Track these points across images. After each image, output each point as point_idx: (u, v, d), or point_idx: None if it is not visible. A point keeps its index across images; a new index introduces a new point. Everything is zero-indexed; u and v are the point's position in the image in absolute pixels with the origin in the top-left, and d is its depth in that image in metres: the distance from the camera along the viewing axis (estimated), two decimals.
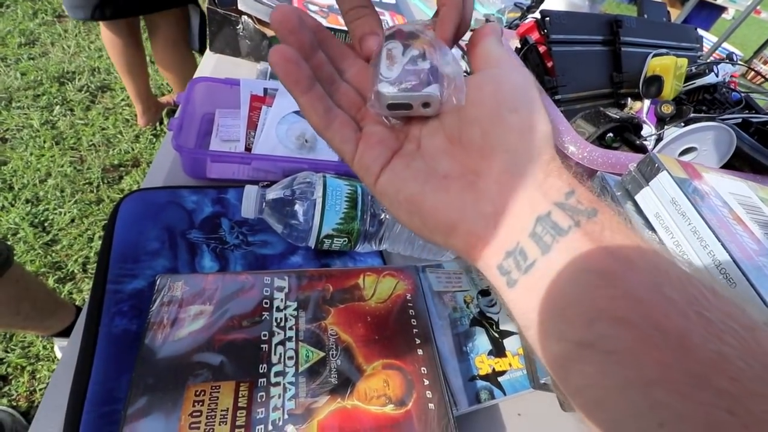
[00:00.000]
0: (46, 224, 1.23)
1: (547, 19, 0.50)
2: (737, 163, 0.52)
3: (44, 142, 1.41)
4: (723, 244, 0.31)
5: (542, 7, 0.84)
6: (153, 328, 0.33)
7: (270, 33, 0.68)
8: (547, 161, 0.19)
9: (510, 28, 1.02)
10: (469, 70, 0.23)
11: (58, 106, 1.53)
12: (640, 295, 0.15)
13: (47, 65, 1.66)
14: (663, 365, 0.14)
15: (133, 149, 1.48)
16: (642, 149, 0.47)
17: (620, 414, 0.15)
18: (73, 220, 1.25)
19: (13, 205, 1.24)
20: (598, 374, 0.15)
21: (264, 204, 0.42)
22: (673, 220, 0.35)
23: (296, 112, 0.52)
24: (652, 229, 0.36)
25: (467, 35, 0.23)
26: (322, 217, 0.42)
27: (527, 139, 0.19)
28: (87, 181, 1.36)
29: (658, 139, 0.52)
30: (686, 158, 0.52)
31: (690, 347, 0.14)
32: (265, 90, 0.49)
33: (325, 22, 0.70)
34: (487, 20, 1.05)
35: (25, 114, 1.47)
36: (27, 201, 1.26)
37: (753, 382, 0.13)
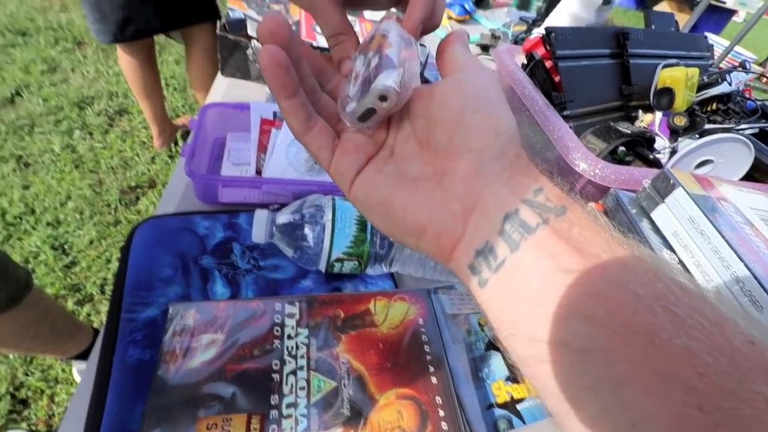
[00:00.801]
0: (65, 246, 1.26)
1: (552, 35, 0.50)
2: (757, 174, 0.51)
3: (65, 165, 1.45)
4: (745, 264, 0.30)
5: (547, 20, 0.84)
6: (165, 358, 0.33)
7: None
8: (513, 159, 0.19)
9: (516, 42, 1.03)
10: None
11: (78, 131, 1.58)
12: (608, 293, 0.15)
13: (68, 91, 1.72)
14: (632, 364, 0.14)
15: (149, 170, 1.52)
16: (656, 163, 0.46)
17: (593, 415, 0.15)
18: (91, 242, 1.28)
19: (34, 229, 1.27)
20: (569, 374, 0.15)
21: (274, 228, 0.43)
22: (692, 238, 0.33)
23: None
24: (671, 248, 0.35)
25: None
26: (332, 240, 0.41)
27: (491, 138, 0.19)
28: (105, 203, 1.39)
29: (673, 152, 0.50)
30: (702, 171, 0.51)
31: (658, 344, 0.14)
32: (275, 113, 0.50)
33: None
34: (493, 35, 1.06)
35: (47, 139, 1.52)
36: (48, 224, 1.29)
37: (720, 377, 0.13)
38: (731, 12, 4.02)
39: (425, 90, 0.21)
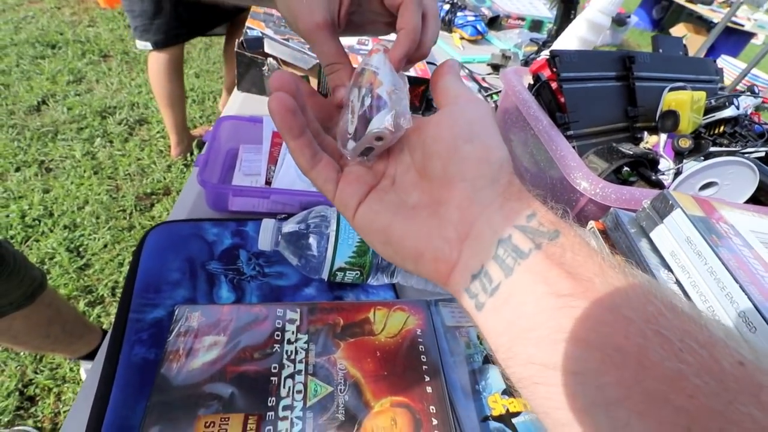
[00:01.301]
0: (80, 249, 1.30)
1: (557, 58, 0.52)
2: (763, 197, 0.51)
3: (84, 171, 1.50)
4: (742, 287, 0.30)
5: (556, 42, 0.85)
6: (169, 357, 0.34)
7: (295, 72, 0.72)
8: (505, 185, 0.20)
9: (526, 63, 1.04)
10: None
11: (99, 138, 1.64)
12: (601, 317, 0.16)
13: (91, 101, 1.80)
14: (623, 385, 0.14)
15: (165, 178, 1.56)
16: (659, 184, 0.47)
17: None
18: (105, 246, 1.32)
19: (52, 231, 1.31)
20: (564, 396, 0.16)
21: (280, 237, 0.44)
22: (689, 259, 0.34)
23: None
24: (669, 268, 0.35)
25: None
26: (335, 250, 0.43)
27: (483, 167, 0.20)
28: (121, 208, 1.43)
29: (677, 174, 0.51)
30: (707, 193, 0.51)
31: (648, 366, 0.14)
32: None
33: None
34: (504, 55, 1.08)
35: (69, 146, 1.58)
36: (65, 227, 1.33)
37: (709, 399, 0.13)
38: (750, 35, 4.01)
39: (422, 123, 0.22)
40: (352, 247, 0.43)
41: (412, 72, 0.77)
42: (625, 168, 0.51)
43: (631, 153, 0.46)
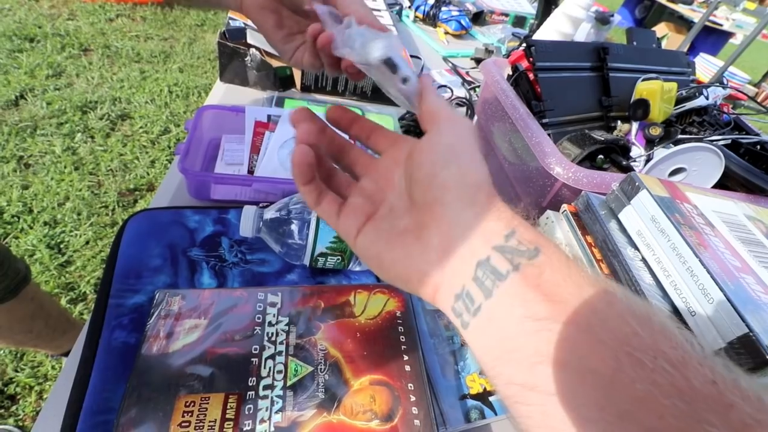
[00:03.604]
0: (61, 246, 1.28)
1: (533, 48, 0.53)
2: (730, 183, 0.53)
3: (65, 167, 1.47)
4: (701, 261, 0.31)
5: (535, 35, 0.87)
6: (149, 340, 0.34)
7: (276, 64, 0.72)
8: (484, 205, 0.20)
9: (508, 57, 1.06)
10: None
11: (79, 134, 1.61)
12: (576, 340, 0.16)
13: (71, 95, 1.76)
14: (597, 406, 0.15)
15: (148, 174, 1.54)
16: (629, 170, 0.49)
17: None
18: (87, 242, 1.30)
19: (31, 228, 1.29)
20: (541, 415, 0.17)
21: (261, 224, 0.45)
22: (654, 237, 0.35)
23: None
24: (635, 246, 0.37)
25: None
26: (316, 236, 0.43)
27: (460, 191, 0.20)
28: (103, 204, 1.41)
29: (648, 160, 0.53)
30: (676, 178, 0.53)
31: (620, 388, 0.15)
32: (269, 116, 0.52)
33: None
34: (487, 49, 1.09)
35: (49, 141, 1.55)
36: (45, 223, 1.31)
37: (678, 420, 0.14)
38: (728, 34, 4.12)
39: (413, 148, 0.23)
40: (333, 232, 0.44)
41: None
42: (600, 156, 0.52)
43: (603, 139, 0.48)
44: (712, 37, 4.01)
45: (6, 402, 1.01)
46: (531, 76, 0.57)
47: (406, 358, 0.37)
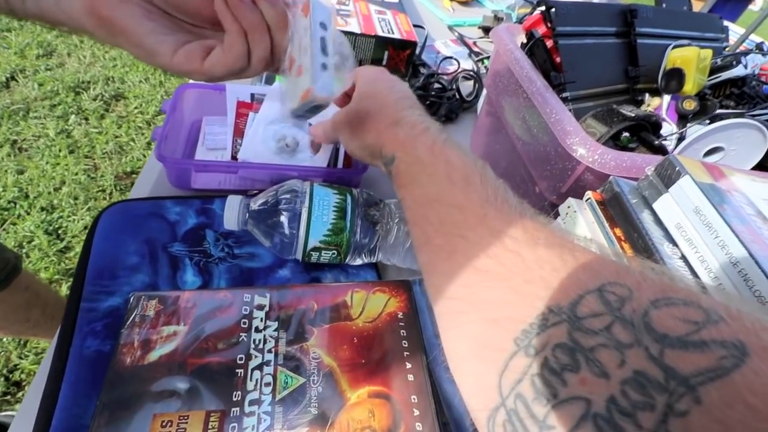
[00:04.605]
0: (60, 231, 1.25)
1: (553, 10, 0.47)
2: None
3: (59, 150, 1.43)
4: (755, 259, 0.27)
5: None
6: (122, 351, 0.31)
7: None
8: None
9: (520, 23, 0.98)
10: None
11: (73, 116, 1.56)
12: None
13: (63, 76, 1.70)
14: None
15: (145, 156, 1.50)
16: (661, 150, 0.43)
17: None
18: (85, 227, 1.27)
19: (28, 213, 1.26)
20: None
21: (248, 215, 0.40)
22: (698, 231, 0.30)
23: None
24: (673, 242, 0.32)
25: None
26: (308, 228, 0.39)
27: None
28: (100, 188, 1.38)
29: (680, 139, 0.47)
30: (712, 159, 0.47)
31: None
32: (252, 96, 0.47)
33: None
34: (496, 17, 1.01)
35: (42, 124, 1.51)
36: (42, 209, 1.28)
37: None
38: (747, 0, 3.88)
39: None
40: (327, 224, 0.39)
41: (396, 34, 0.72)
42: (625, 133, 0.47)
43: (634, 115, 0.42)
44: (730, 4, 3.78)
45: (12, 388, 1.01)
46: (549, 43, 0.50)
47: (409, 366, 0.34)
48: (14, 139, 1.45)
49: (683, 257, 0.31)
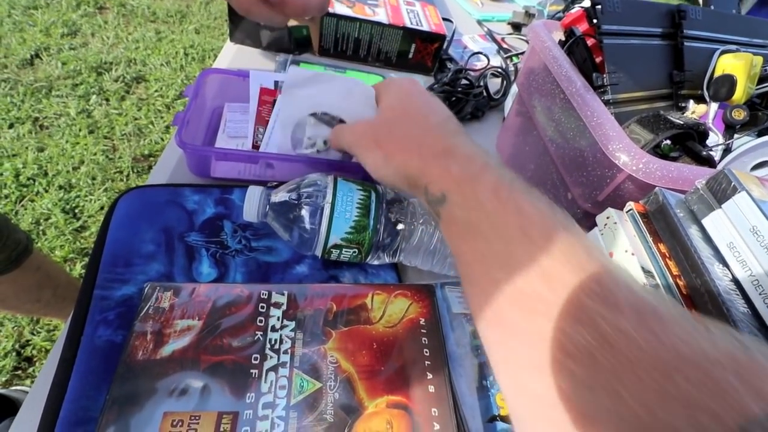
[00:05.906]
0: (76, 210, 1.26)
1: (599, 6, 0.44)
2: None
3: (80, 130, 1.44)
4: None
5: None
6: (134, 343, 0.30)
7: (291, 23, 0.64)
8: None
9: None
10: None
11: (94, 96, 1.57)
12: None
13: (86, 55, 1.71)
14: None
15: (163, 139, 1.50)
16: (708, 161, 0.40)
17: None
18: (102, 208, 1.28)
19: (47, 191, 1.28)
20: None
21: (268, 207, 0.39)
22: (753, 253, 0.28)
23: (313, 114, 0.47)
24: (724, 262, 0.29)
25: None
26: (330, 224, 0.37)
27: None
28: (117, 169, 1.39)
29: (726, 150, 0.44)
30: (758, 173, 0.44)
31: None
32: (276, 83, 0.45)
33: (350, 12, 0.66)
34: (527, 12, 0.98)
35: (63, 102, 1.52)
36: (60, 187, 1.29)
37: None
38: None
39: None
40: (350, 221, 0.38)
41: (425, 26, 0.69)
42: (666, 141, 0.44)
43: (682, 123, 0.39)
44: (767, 8, 3.64)
45: (23, 364, 1.02)
46: (590, 42, 0.47)
47: (430, 376, 0.32)
48: (36, 116, 1.46)
49: (734, 280, 0.29)
